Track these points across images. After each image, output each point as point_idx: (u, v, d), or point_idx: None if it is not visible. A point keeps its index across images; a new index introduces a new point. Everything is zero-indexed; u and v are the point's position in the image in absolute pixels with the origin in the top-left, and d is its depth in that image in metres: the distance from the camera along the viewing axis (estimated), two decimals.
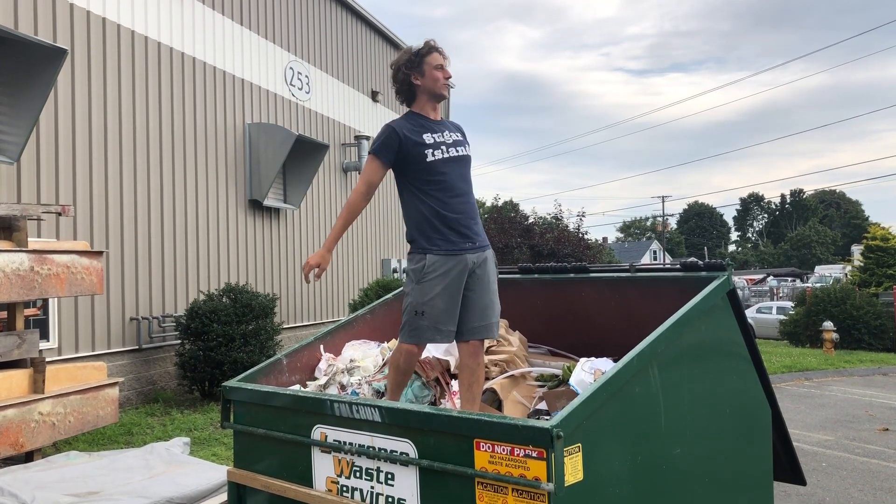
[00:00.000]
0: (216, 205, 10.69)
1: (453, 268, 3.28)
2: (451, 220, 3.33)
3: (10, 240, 5.65)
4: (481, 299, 3.34)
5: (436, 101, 3.52)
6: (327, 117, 14.06)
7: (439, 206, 3.33)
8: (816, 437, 7.68)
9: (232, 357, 8.72)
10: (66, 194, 8.13)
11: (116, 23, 8.97)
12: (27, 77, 7.32)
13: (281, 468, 3.03)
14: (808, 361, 13.63)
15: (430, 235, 3.32)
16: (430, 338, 3.27)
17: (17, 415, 5.44)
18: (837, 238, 73.03)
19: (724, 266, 3.42)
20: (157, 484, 4.59)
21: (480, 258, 3.37)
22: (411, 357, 3.31)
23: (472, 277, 3.33)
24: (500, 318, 3.47)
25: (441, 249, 3.29)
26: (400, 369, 3.33)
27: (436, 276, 3.26)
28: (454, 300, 3.28)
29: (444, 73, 3.49)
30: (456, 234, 3.32)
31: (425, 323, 3.24)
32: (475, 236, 3.38)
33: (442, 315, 3.24)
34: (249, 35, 11.67)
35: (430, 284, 3.26)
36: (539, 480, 2.19)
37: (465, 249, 3.32)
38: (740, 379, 3.48)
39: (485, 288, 3.36)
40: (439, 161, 3.36)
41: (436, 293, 3.24)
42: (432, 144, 3.38)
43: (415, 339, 3.27)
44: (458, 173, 3.41)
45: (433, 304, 3.23)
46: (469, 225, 3.37)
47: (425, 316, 3.24)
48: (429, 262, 3.29)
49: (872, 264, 22.20)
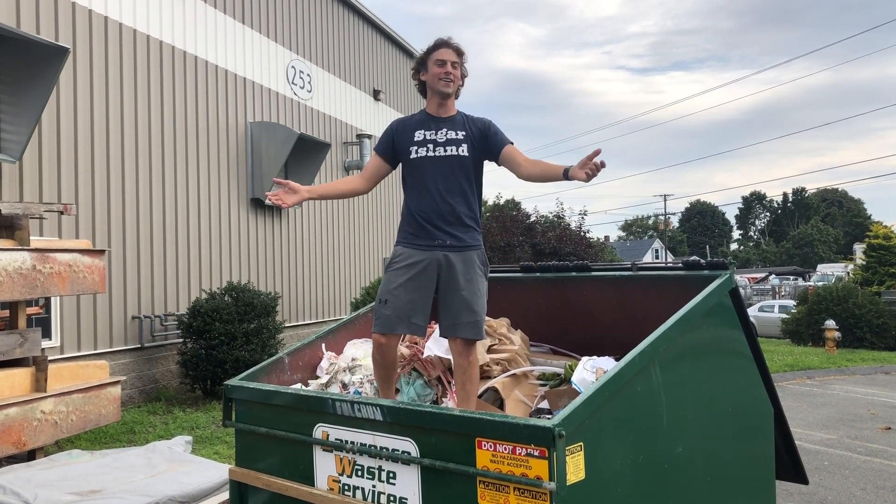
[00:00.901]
0: (218, 203, 10.70)
1: (420, 262, 3.29)
2: (421, 218, 3.35)
3: (13, 238, 5.65)
4: (453, 299, 3.29)
5: (439, 97, 3.42)
6: (329, 116, 14.06)
7: (413, 202, 3.41)
8: (819, 435, 7.67)
9: (234, 355, 8.73)
10: (67, 193, 8.13)
11: (118, 21, 8.97)
12: (29, 76, 7.33)
13: (283, 467, 3.02)
14: (811, 360, 13.62)
15: (404, 228, 3.44)
16: (394, 327, 3.24)
17: (19, 413, 5.44)
18: (839, 236, 72.95)
19: (725, 265, 3.42)
20: (159, 482, 4.60)
21: (454, 259, 3.31)
22: (382, 348, 3.27)
23: (444, 276, 3.31)
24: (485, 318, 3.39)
25: (409, 243, 3.36)
26: (377, 362, 3.33)
27: (400, 266, 3.31)
28: (421, 293, 3.28)
29: (444, 68, 3.38)
30: (425, 232, 3.34)
31: (388, 312, 3.24)
32: (447, 237, 3.33)
33: (405, 306, 3.24)
34: (251, 34, 11.67)
35: (394, 274, 3.31)
36: (541, 479, 2.19)
37: (432, 247, 3.31)
38: (742, 378, 3.48)
39: (456, 288, 3.29)
40: (420, 159, 3.37)
41: (399, 283, 3.27)
42: (419, 142, 3.38)
43: (379, 327, 3.26)
44: (440, 173, 3.36)
45: (396, 294, 3.25)
46: (439, 225, 3.33)
47: (388, 305, 3.25)
48: (395, 253, 3.38)
49: (874, 263, 22.20)
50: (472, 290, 3.32)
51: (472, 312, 3.30)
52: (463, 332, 3.28)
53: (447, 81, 3.39)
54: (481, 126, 3.48)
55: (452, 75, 3.39)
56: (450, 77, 3.39)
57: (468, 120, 3.49)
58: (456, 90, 3.46)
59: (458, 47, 3.44)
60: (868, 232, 24.02)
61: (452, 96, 3.45)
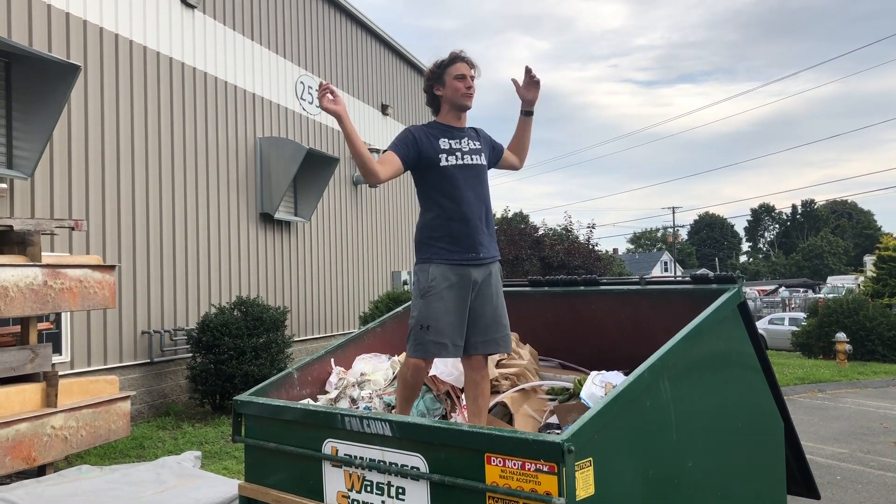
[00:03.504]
0: (227, 218, 10.75)
1: (457, 281, 3.25)
2: (457, 229, 3.29)
3: (24, 254, 5.70)
4: (485, 314, 3.29)
5: (458, 110, 3.44)
6: (338, 131, 14.12)
7: (446, 213, 3.31)
8: (830, 449, 7.61)
9: (243, 370, 8.74)
10: (78, 209, 8.20)
11: (129, 39, 9.07)
12: (41, 93, 7.41)
13: (292, 482, 3.03)
14: (821, 373, 13.51)
15: (435, 244, 3.31)
16: (436, 352, 3.23)
17: (29, 429, 5.46)
18: (850, 248, 72.63)
19: (734, 278, 3.42)
20: (168, 498, 4.61)
21: (485, 272, 3.31)
22: (418, 371, 3.26)
23: (476, 291, 3.29)
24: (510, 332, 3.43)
25: (443, 259, 3.27)
26: (408, 384, 3.30)
27: (440, 289, 3.23)
28: (460, 314, 3.24)
29: (465, 82, 3.39)
30: (460, 245, 3.28)
31: (430, 338, 3.20)
32: (480, 248, 3.32)
33: (447, 329, 3.21)
34: (260, 50, 11.77)
35: (434, 298, 3.23)
36: (550, 495, 2.19)
37: (468, 261, 3.27)
38: (752, 391, 3.47)
39: (488, 302, 3.30)
40: (452, 167, 3.33)
41: (440, 307, 3.21)
42: (447, 150, 3.36)
43: (420, 353, 3.23)
44: (471, 182, 3.36)
45: (437, 319, 3.20)
46: (474, 236, 3.31)
47: (430, 330, 3.20)
48: (432, 275, 3.26)
49: (885, 275, 22.07)
50: (501, 304, 3.37)
51: (503, 326, 3.34)
52: (494, 347, 3.31)
53: (467, 97, 3.41)
54: (484, 136, 3.58)
55: (474, 88, 3.43)
56: (472, 91, 3.42)
57: (474, 130, 3.57)
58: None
59: (472, 61, 3.46)
60: (878, 244, 23.91)
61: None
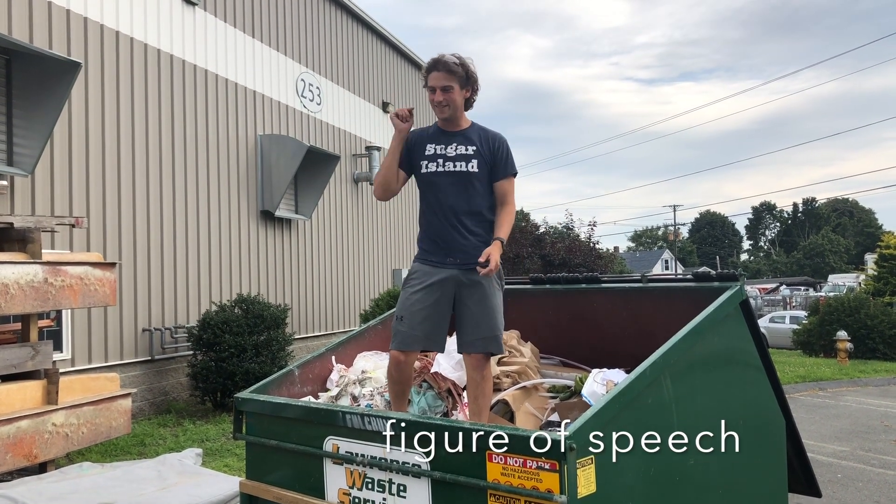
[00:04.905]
0: (228, 216, 10.75)
1: (436, 278, 3.29)
2: (434, 235, 3.36)
3: (25, 252, 5.70)
4: (473, 313, 3.29)
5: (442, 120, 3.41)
6: (338, 128, 14.13)
7: (426, 218, 3.42)
8: (831, 448, 7.60)
9: (244, 368, 8.74)
10: (79, 206, 8.19)
11: (129, 36, 9.06)
12: (42, 90, 7.41)
13: (293, 480, 3.03)
14: (822, 371, 13.51)
15: (420, 244, 3.46)
16: (409, 344, 3.23)
17: (30, 426, 5.47)
18: (851, 247, 72.54)
19: (736, 276, 3.41)
20: (169, 495, 4.61)
21: (471, 274, 3.27)
22: (399, 364, 3.26)
23: (462, 292, 3.30)
24: (503, 332, 3.39)
25: (425, 261, 3.37)
26: (392, 378, 3.32)
27: (417, 283, 3.32)
28: (438, 309, 3.27)
29: (436, 95, 3.31)
30: (439, 249, 3.34)
31: (405, 329, 3.24)
32: (459, 254, 3.30)
33: (422, 323, 3.24)
34: (261, 47, 11.76)
35: (411, 291, 3.32)
36: (552, 492, 2.18)
37: (446, 265, 3.31)
38: (753, 389, 3.46)
39: (474, 303, 3.29)
40: (430, 174, 3.35)
41: (415, 300, 3.27)
42: (430, 156, 3.36)
43: (397, 344, 3.26)
44: (452, 189, 3.32)
45: (412, 311, 3.26)
46: (451, 243, 3.31)
47: (405, 322, 3.25)
48: (412, 269, 3.40)
49: (886, 273, 22.07)
50: (490, 305, 3.30)
51: (490, 327, 3.29)
52: (481, 347, 3.27)
53: (440, 108, 3.34)
54: (493, 145, 3.39)
55: (446, 100, 3.30)
56: (443, 102, 3.30)
57: (483, 134, 3.41)
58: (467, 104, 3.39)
59: (449, 66, 3.28)
60: (879, 242, 23.91)
61: (459, 111, 3.37)
